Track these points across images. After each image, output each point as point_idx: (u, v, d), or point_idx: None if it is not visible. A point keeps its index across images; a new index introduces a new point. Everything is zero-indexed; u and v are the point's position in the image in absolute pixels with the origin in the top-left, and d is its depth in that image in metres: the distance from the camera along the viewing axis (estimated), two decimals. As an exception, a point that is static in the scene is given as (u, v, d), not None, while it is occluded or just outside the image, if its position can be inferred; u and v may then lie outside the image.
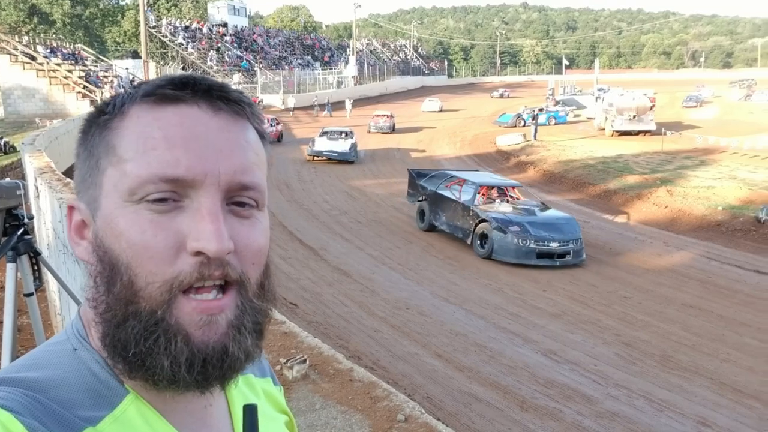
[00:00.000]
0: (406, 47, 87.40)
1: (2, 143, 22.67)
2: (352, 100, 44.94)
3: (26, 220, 2.57)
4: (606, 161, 23.99)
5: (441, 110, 47.78)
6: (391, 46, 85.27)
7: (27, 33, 43.83)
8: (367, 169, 24.40)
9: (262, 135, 0.71)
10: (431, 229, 15.11)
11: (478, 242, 13.24)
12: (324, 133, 26.67)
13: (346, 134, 26.56)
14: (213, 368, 0.62)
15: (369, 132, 33.53)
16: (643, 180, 20.46)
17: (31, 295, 2.64)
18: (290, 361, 4.42)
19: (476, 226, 13.44)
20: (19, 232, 2.53)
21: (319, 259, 12.59)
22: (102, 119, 0.66)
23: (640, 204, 18.48)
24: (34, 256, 2.63)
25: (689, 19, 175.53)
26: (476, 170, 20.22)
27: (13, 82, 30.27)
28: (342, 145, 25.06)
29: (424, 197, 15.57)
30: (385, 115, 35.79)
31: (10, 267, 2.53)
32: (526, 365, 8.00)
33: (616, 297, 11.01)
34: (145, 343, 0.60)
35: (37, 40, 35.95)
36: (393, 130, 34.63)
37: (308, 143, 26.26)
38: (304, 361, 4.47)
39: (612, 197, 19.55)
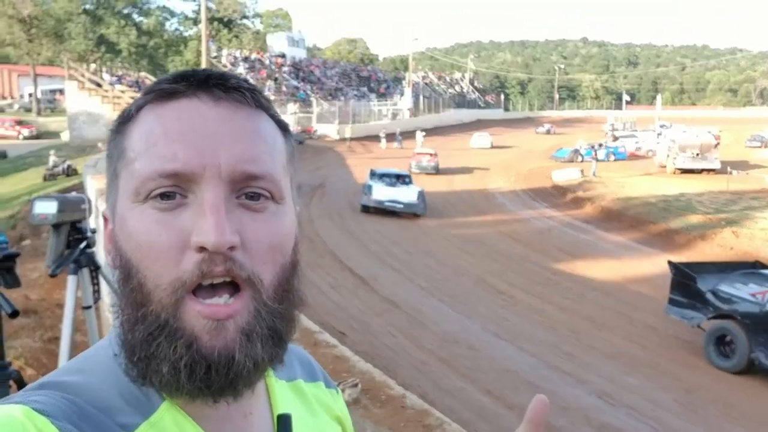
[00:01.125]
0: (462, 80, 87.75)
1: (65, 166, 23.66)
2: (424, 133, 44.51)
3: (89, 234, 2.62)
4: (667, 199, 23.29)
5: (492, 146, 44.12)
6: (447, 78, 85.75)
7: (94, 61, 45.92)
8: (420, 200, 24.37)
9: (278, 123, 0.68)
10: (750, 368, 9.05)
11: None
12: (377, 176, 22.04)
13: (404, 178, 22.45)
14: (217, 375, 0.58)
15: (410, 171, 27.87)
16: (707, 220, 19.74)
17: (89, 308, 2.67)
18: (342, 384, 4.37)
19: None
20: (81, 246, 2.57)
21: (369, 288, 12.54)
22: (117, 125, 0.66)
23: (703, 245, 17.82)
24: (95, 269, 2.67)
25: (757, 56, 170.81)
26: None
27: (80, 108, 31.70)
28: (407, 194, 20.85)
29: (727, 314, 9.62)
30: (428, 154, 31.77)
31: (71, 279, 2.57)
32: (580, 407, 7.71)
33: (677, 340, 10.56)
34: (148, 348, 0.58)
35: (103, 69, 37.61)
36: (437, 170, 30.48)
37: (362, 191, 21.68)
38: (356, 385, 4.42)
39: (674, 237, 18.92)
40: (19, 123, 44.27)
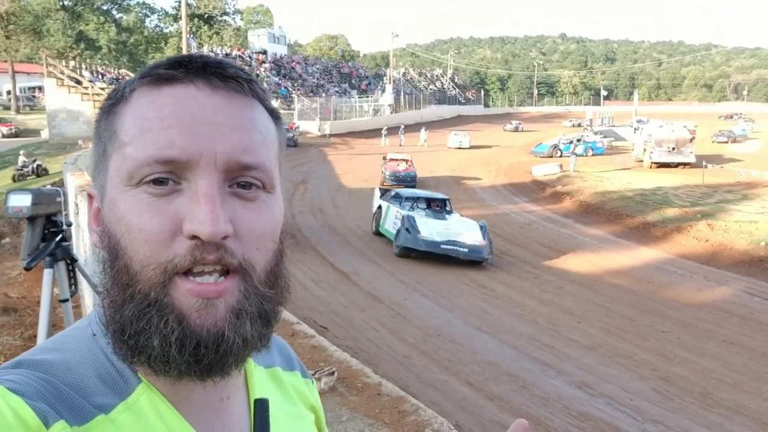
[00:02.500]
0: (442, 76, 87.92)
1: (35, 166, 23.24)
2: (427, 129, 44.13)
3: (64, 227, 2.62)
4: (644, 193, 23.61)
5: (470, 146, 40.92)
6: (428, 75, 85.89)
7: (74, 58, 45.36)
8: (401, 195, 24.42)
9: (271, 112, 0.68)
10: None
11: None
12: (405, 201, 16.77)
13: (443, 204, 17.09)
14: (207, 351, 0.59)
15: (383, 184, 24.21)
16: (683, 213, 20.04)
17: (66, 301, 2.67)
18: (318, 373, 4.40)
19: None
20: (57, 239, 2.57)
21: (351, 284, 12.57)
22: (107, 105, 0.66)
23: (679, 237, 18.08)
24: (71, 262, 2.67)
25: (732, 52, 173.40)
26: None
27: (59, 105, 31.29)
28: (468, 232, 15.09)
29: None
30: (403, 160, 26.60)
31: (47, 272, 2.57)
32: (560, 397, 7.81)
33: (654, 331, 10.72)
34: (138, 324, 0.59)
35: (83, 65, 37.14)
36: (415, 181, 25.33)
37: (382, 219, 16.86)
38: (332, 373, 4.45)
39: (650, 230, 19.17)
40: (-3, 121, 43.59)
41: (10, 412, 0.52)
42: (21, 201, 2.45)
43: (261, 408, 0.67)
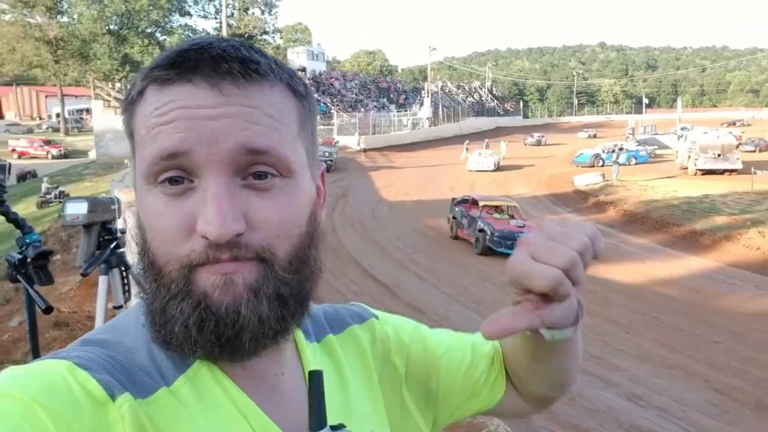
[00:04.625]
0: (480, 89, 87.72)
1: (58, 192, 23.62)
2: (507, 142, 43.47)
3: (119, 234, 2.69)
4: (691, 201, 23.04)
5: (497, 168, 34.94)
6: (466, 87, 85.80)
7: (120, 80, 46.66)
8: (441, 207, 24.36)
9: (289, 87, 0.65)
10: None
11: None
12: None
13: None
14: (225, 328, 0.60)
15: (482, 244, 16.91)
16: (732, 221, 19.48)
17: (120, 308, 2.73)
18: None
19: None
20: (112, 246, 2.64)
21: (393, 295, 12.56)
22: (126, 103, 0.66)
23: (729, 246, 17.58)
24: (125, 269, 2.73)
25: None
26: None
27: (106, 126, 32.21)
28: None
29: None
30: (506, 208, 19.06)
31: (102, 279, 2.63)
32: (609, 409, 7.65)
33: (705, 341, 10.42)
34: (164, 315, 0.61)
35: (128, 87, 38.19)
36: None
37: None
38: None
39: (698, 238, 18.69)
40: (48, 143, 45.07)
41: (78, 386, 0.55)
42: (78, 209, 2.53)
43: (316, 379, 0.66)
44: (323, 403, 0.65)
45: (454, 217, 19.10)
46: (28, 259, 2.20)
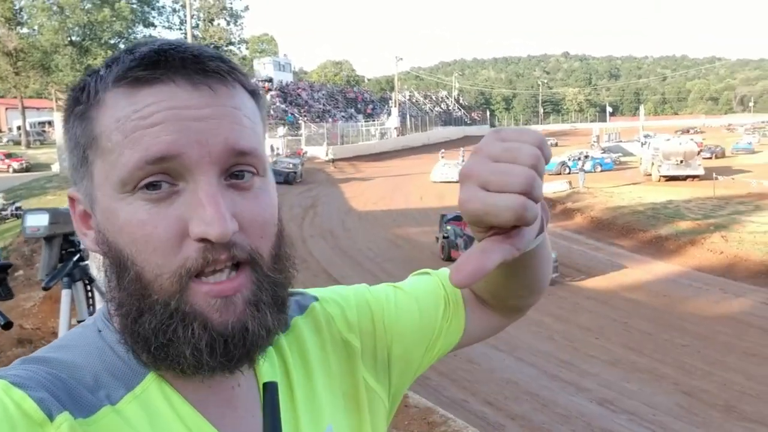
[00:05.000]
0: (447, 98, 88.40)
1: (14, 208, 22.97)
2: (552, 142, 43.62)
3: (82, 246, 2.59)
4: (656, 207, 23.48)
5: (457, 180, 35.87)
6: (433, 97, 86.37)
7: (82, 92, 45.95)
8: (410, 216, 24.40)
9: (252, 93, 0.65)
10: None
11: None
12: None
13: None
14: (235, 348, 0.59)
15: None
16: (696, 226, 19.89)
17: (83, 321, 2.63)
18: None
19: None
20: (75, 258, 2.55)
21: (365, 306, 12.49)
22: (78, 110, 0.62)
23: (693, 250, 17.93)
24: (89, 282, 2.63)
25: (736, 64, 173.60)
26: None
27: (69, 139, 31.69)
28: None
29: None
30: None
31: (65, 293, 2.53)
32: (581, 414, 7.69)
33: (673, 345, 10.58)
34: (164, 336, 0.58)
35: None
36: None
37: None
38: None
39: (664, 243, 19.03)
40: (9, 156, 43.92)
41: (13, 405, 0.52)
42: (38, 221, 2.43)
43: (270, 392, 0.64)
44: (278, 417, 0.63)
45: (445, 236, 17.17)
46: (-13, 274, 2.11)
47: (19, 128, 56.72)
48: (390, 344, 0.83)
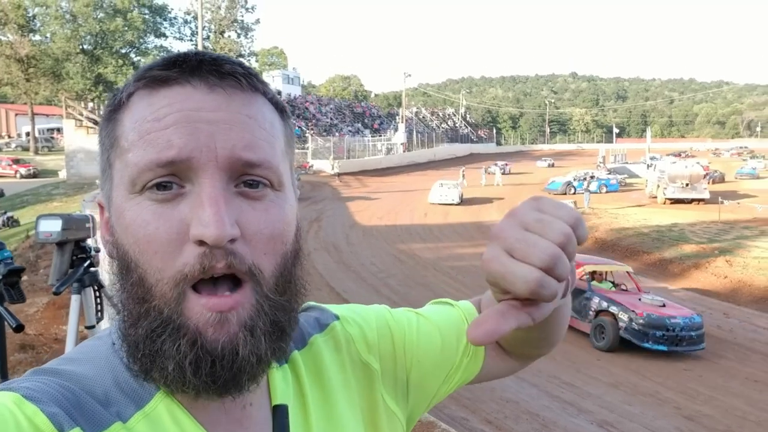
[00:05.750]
0: (454, 115, 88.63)
1: (6, 218, 22.95)
2: (503, 166, 43.98)
3: (93, 253, 2.62)
4: (660, 230, 23.43)
5: (461, 202, 30.72)
6: (440, 114, 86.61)
7: (92, 100, 46.22)
8: (415, 233, 24.39)
9: (276, 105, 0.66)
10: None
11: None
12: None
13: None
14: (222, 369, 0.58)
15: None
16: (701, 249, 19.84)
17: (92, 327, 2.66)
18: None
19: None
20: (85, 264, 2.58)
21: (367, 320, 12.47)
22: (108, 112, 0.64)
23: (697, 274, 17.87)
24: (99, 288, 2.66)
25: (744, 89, 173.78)
26: None
27: (77, 146, 31.84)
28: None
29: None
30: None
31: (74, 299, 2.56)
32: (581, 436, 7.65)
33: (675, 369, 10.53)
34: (152, 345, 0.57)
35: (101, 107, 37.88)
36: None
37: None
38: None
39: (668, 266, 18.97)
40: (17, 162, 44.25)
41: (25, 420, 0.52)
42: (51, 226, 2.47)
43: (280, 415, 0.65)
44: None
45: None
46: (-1, 277, 2.14)
47: (27, 134, 57.12)
48: (409, 369, 0.84)
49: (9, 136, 67.47)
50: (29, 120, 53.51)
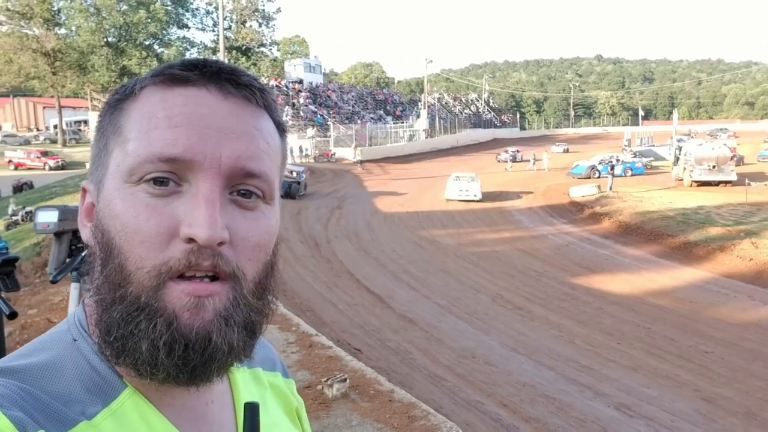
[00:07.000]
0: (477, 100, 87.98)
1: (24, 213, 23.21)
2: (515, 153, 44.66)
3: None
4: (686, 212, 23.10)
5: (479, 199, 27.28)
6: (463, 99, 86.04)
7: (118, 92, 46.75)
8: (436, 219, 24.36)
9: (278, 125, 0.69)
10: None
11: None
12: None
13: None
14: (194, 354, 0.59)
15: None
16: (726, 232, 19.51)
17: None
18: (330, 380, 4.43)
19: None
20: (83, 254, 2.65)
21: (385, 306, 12.54)
22: (113, 99, 0.65)
23: (722, 256, 17.59)
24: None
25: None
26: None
27: (103, 137, 32.23)
28: None
29: None
30: None
31: (73, 287, 2.64)
32: (598, 419, 7.63)
33: (697, 351, 10.41)
34: (126, 327, 0.59)
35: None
36: None
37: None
38: (344, 380, 4.50)
39: (693, 249, 18.70)
40: (45, 154, 45.02)
41: None
42: (48, 217, 2.54)
43: (251, 411, 0.66)
44: None
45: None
46: (-5, 267, 2.21)
47: (55, 127, 58.05)
48: None
49: (37, 129, 68.67)
50: (56, 113, 54.35)
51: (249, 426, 0.65)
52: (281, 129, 0.69)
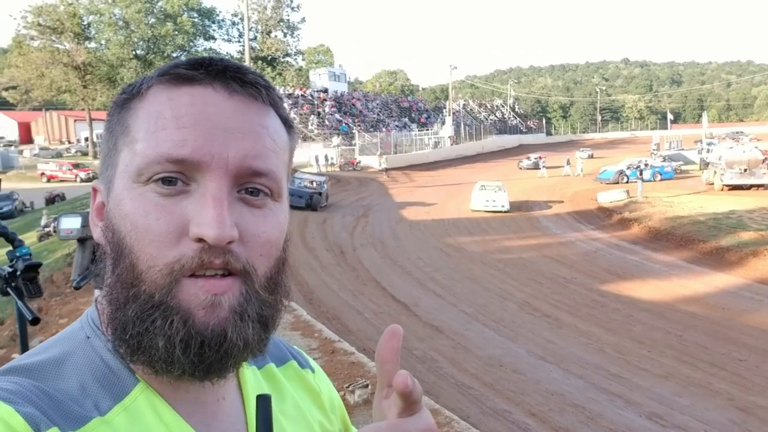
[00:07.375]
0: (502, 106, 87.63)
1: (55, 224, 23.21)
2: (537, 160, 43.90)
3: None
4: (717, 217, 22.66)
5: (507, 210, 25.92)
6: (488, 105, 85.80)
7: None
8: (462, 226, 24.25)
9: (285, 121, 0.69)
10: None
11: None
12: None
13: None
14: (210, 351, 0.59)
15: None
16: (760, 237, 19.09)
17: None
18: (352, 386, 4.41)
19: None
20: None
21: (411, 314, 12.49)
22: (122, 99, 0.66)
23: (756, 262, 17.20)
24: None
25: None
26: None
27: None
28: None
29: None
30: None
31: (97, 292, 2.65)
32: (629, 428, 7.48)
33: (730, 359, 10.17)
34: (142, 325, 0.59)
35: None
36: None
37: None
38: (366, 386, 4.48)
39: (725, 254, 18.33)
40: (76, 166, 45.96)
41: (0, 422, 0.52)
42: (72, 223, 2.57)
43: (263, 404, 0.66)
44: (271, 428, 0.65)
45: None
46: (18, 272, 2.23)
47: (86, 139, 59.22)
48: None
49: (69, 142, 70.07)
50: (87, 125, 55.46)
51: (262, 418, 0.65)
52: (288, 125, 0.70)
